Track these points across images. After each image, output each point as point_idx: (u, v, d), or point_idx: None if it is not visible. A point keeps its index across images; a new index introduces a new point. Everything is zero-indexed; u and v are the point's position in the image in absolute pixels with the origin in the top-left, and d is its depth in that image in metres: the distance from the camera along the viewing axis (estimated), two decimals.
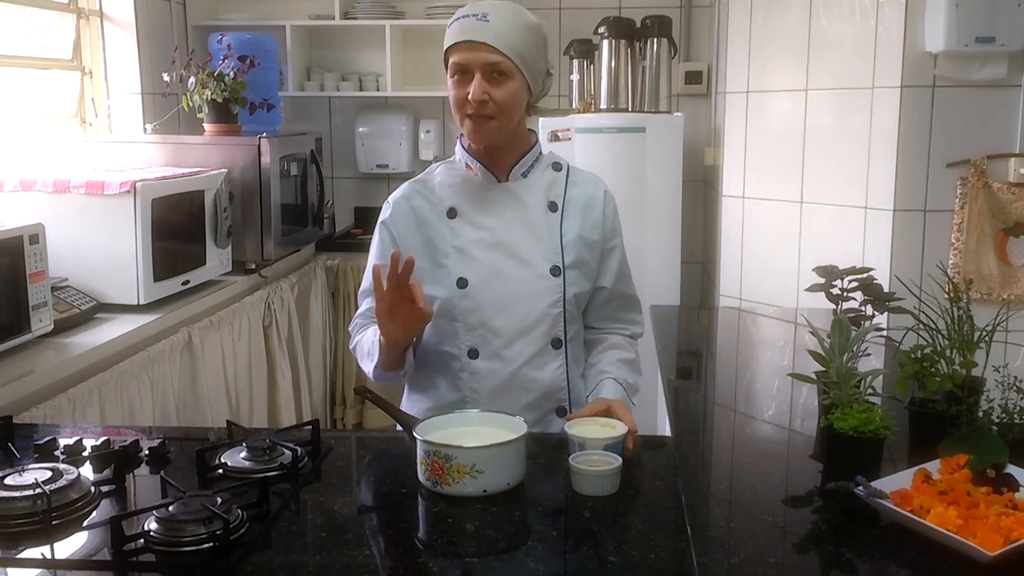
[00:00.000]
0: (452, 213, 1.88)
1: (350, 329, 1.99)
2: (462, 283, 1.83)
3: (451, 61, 1.78)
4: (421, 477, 1.53)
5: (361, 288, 1.99)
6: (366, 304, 1.95)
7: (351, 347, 1.98)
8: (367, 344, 1.87)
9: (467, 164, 1.90)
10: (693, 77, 4.54)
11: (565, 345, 1.88)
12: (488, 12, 1.76)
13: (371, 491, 1.63)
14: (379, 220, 1.95)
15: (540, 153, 1.94)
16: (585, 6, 4.51)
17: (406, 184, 1.96)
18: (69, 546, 1.35)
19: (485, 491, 1.49)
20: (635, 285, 2.04)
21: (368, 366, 1.86)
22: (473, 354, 1.84)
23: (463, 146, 1.91)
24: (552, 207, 1.90)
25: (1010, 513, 1.26)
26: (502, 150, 1.88)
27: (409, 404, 1.93)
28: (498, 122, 1.79)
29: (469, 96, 1.75)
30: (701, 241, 4.60)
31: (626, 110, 4.18)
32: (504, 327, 1.84)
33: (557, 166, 1.96)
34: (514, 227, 1.87)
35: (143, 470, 1.64)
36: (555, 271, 1.86)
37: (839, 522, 1.36)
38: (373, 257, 1.94)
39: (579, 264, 1.89)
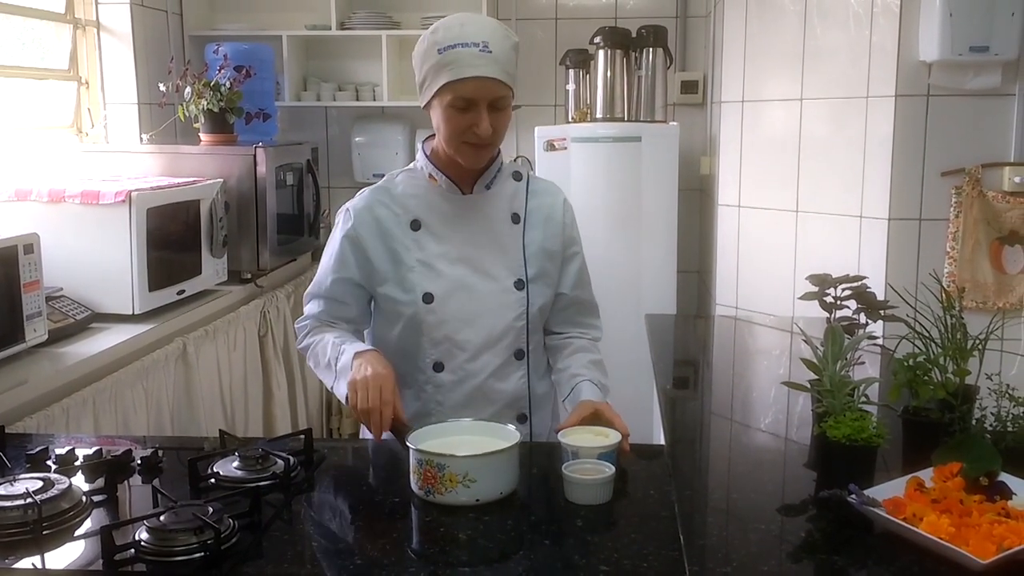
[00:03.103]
0: (416, 225, 1.86)
1: (297, 327, 1.95)
2: (428, 298, 1.82)
3: (453, 96, 1.72)
4: (414, 486, 1.53)
5: (308, 291, 1.95)
6: (316, 307, 1.92)
7: (300, 346, 1.93)
8: (328, 355, 1.82)
9: (430, 174, 1.88)
10: (689, 87, 4.55)
11: (527, 356, 1.89)
12: (487, 40, 1.72)
13: (363, 500, 1.62)
14: (340, 231, 1.88)
15: (502, 163, 1.93)
16: (581, 16, 4.53)
17: (367, 192, 1.91)
18: (60, 556, 1.35)
19: (478, 500, 1.48)
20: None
21: (330, 382, 1.83)
22: (438, 367, 1.85)
23: (426, 154, 1.88)
24: (515, 219, 1.90)
25: (1003, 521, 1.26)
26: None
27: None
28: (494, 147, 1.83)
29: (478, 131, 1.73)
30: (697, 250, 4.60)
31: (622, 120, 4.18)
32: (469, 341, 1.84)
33: (517, 175, 1.95)
34: (479, 241, 1.86)
35: (135, 480, 1.64)
36: (519, 284, 1.86)
37: (832, 530, 1.36)
38: (330, 267, 1.89)
39: (542, 275, 1.89)
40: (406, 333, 1.85)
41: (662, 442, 1.88)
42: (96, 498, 1.53)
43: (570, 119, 4.29)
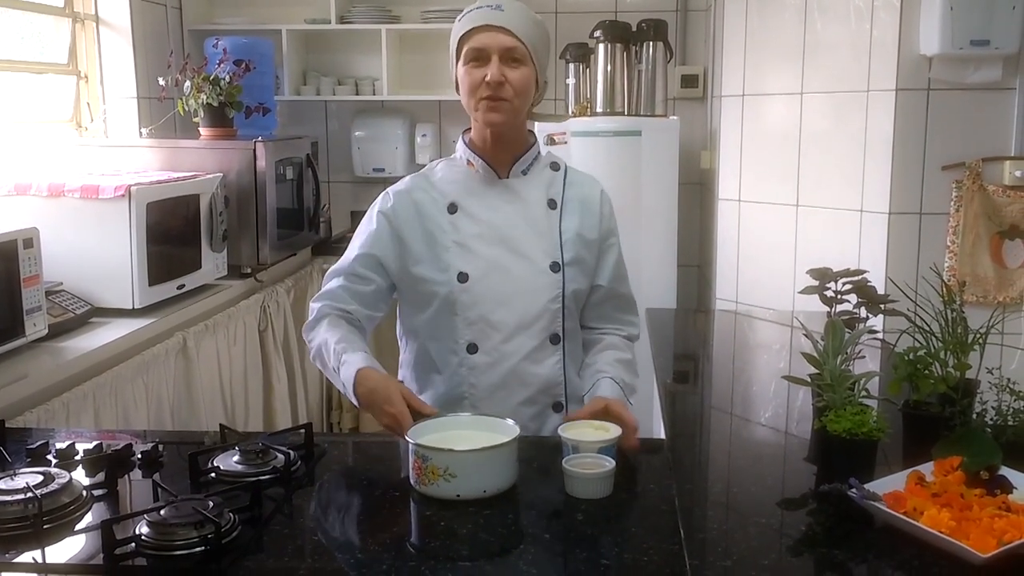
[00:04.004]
0: (452, 208, 1.88)
1: (313, 304, 1.92)
2: (462, 277, 1.83)
3: (467, 47, 1.80)
4: (409, 475, 1.53)
5: (334, 267, 1.94)
6: (334, 284, 1.91)
7: (305, 334, 1.90)
8: (331, 363, 1.80)
9: (468, 160, 1.91)
10: (689, 81, 4.54)
11: (563, 341, 1.88)
12: (501, 3, 1.81)
13: (364, 494, 1.62)
14: (376, 208, 1.93)
15: (539, 152, 1.95)
16: (581, 10, 4.52)
17: (408, 178, 1.97)
18: (60, 550, 1.35)
19: (459, 495, 1.48)
20: (632, 287, 2.04)
21: (339, 387, 1.82)
22: (472, 349, 1.84)
23: (465, 142, 1.93)
24: (552, 204, 1.91)
25: (1003, 515, 1.26)
26: (504, 146, 1.89)
27: None
28: (512, 105, 1.81)
29: (487, 78, 1.77)
30: (697, 244, 4.60)
31: (622, 114, 4.18)
32: (504, 321, 1.84)
33: (555, 166, 1.97)
34: (514, 222, 1.88)
35: (136, 474, 1.64)
36: (555, 267, 1.87)
37: (832, 524, 1.36)
38: (362, 243, 1.91)
39: (578, 261, 1.90)
40: (440, 314, 1.85)
41: (662, 436, 1.88)
42: (96, 492, 1.53)
43: (570, 113, 4.28)
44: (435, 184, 1.92)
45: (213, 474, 1.58)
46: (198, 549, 1.30)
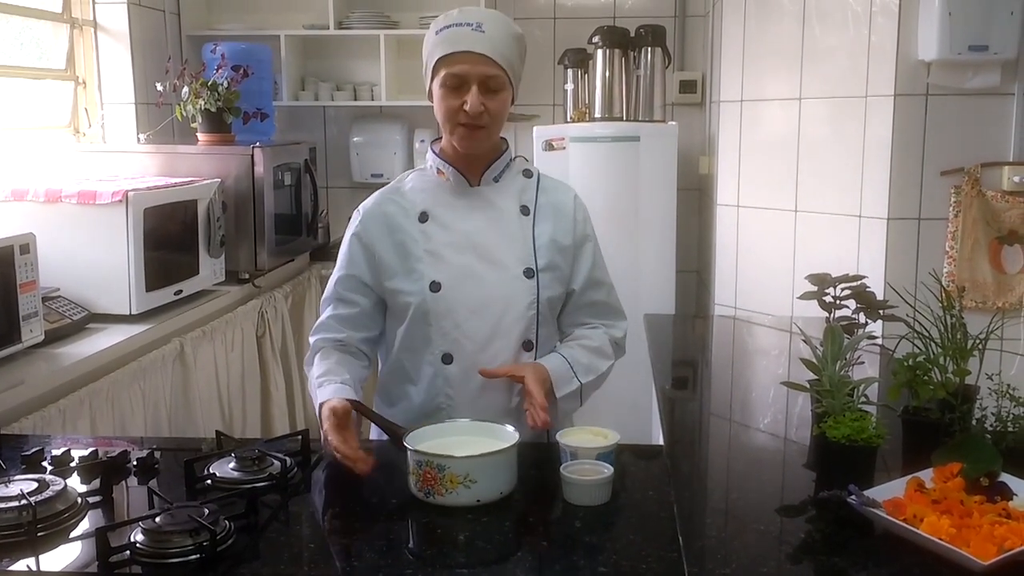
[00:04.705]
0: (423, 217, 1.86)
1: (310, 338, 1.93)
2: (435, 286, 1.81)
3: (445, 72, 1.76)
4: (412, 487, 1.52)
5: (324, 296, 1.95)
6: (326, 314, 1.92)
7: (308, 370, 1.91)
8: (315, 391, 1.82)
9: (439, 169, 1.89)
10: (687, 86, 4.54)
11: (536, 347, 1.86)
12: (482, 22, 1.76)
13: (361, 502, 1.61)
14: (350, 231, 1.92)
15: (511, 159, 1.94)
16: (579, 15, 4.52)
17: (377, 193, 1.95)
18: (55, 558, 1.34)
19: (478, 501, 1.48)
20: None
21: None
22: (447, 359, 1.83)
23: (435, 151, 1.91)
24: (524, 211, 1.89)
25: (1004, 522, 1.26)
26: (476, 155, 1.87)
27: (381, 413, 1.90)
28: (489, 131, 1.81)
29: (467, 107, 1.75)
30: (696, 250, 4.59)
31: (620, 119, 4.18)
32: (478, 331, 1.82)
33: (528, 173, 1.95)
34: (487, 230, 1.86)
35: (131, 481, 1.63)
36: (528, 273, 1.84)
37: (832, 531, 1.35)
38: (340, 266, 1.91)
39: (552, 267, 1.88)
40: (414, 325, 1.84)
41: (661, 442, 1.88)
42: (91, 499, 1.52)
43: (568, 119, 4.28)
44: (406, 195, 1.90)
45: (209, 481, 1.58)
46: (193, 557, 1.30)
